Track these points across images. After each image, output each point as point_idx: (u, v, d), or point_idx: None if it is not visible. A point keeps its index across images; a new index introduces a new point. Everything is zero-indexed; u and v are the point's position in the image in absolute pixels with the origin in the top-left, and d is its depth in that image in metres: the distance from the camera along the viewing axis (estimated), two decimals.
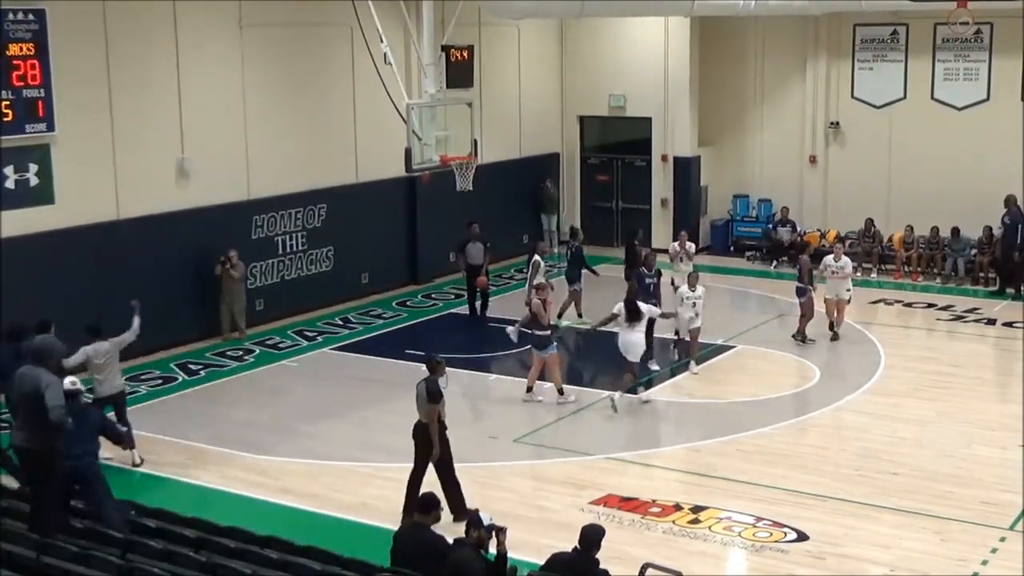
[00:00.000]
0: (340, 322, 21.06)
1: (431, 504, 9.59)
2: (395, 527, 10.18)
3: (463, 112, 17.90)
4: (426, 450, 12.49)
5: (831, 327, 19.65)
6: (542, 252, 20.22)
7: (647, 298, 17.56)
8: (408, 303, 22.55)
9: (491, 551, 9.07)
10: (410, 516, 11.05)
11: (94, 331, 14.08)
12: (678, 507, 12.94)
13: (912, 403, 16.63)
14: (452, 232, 22.51)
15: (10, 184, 16.72)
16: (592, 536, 9.29)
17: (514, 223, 25.81)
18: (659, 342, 18.76)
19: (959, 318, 21.43)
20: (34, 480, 9.97)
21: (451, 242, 22.74)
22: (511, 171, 25.94)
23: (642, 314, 16.63)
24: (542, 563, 9.54)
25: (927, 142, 25.00)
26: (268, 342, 19.75)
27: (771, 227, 26.10)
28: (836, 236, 25.21)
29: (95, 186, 17.93)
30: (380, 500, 13.14)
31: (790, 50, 26.36)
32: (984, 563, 11.64)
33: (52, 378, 9.73)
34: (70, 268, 17.37)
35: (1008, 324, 20.85)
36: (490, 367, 18.73)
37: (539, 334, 16.67)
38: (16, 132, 16.61)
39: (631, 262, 20.53)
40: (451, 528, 10.58)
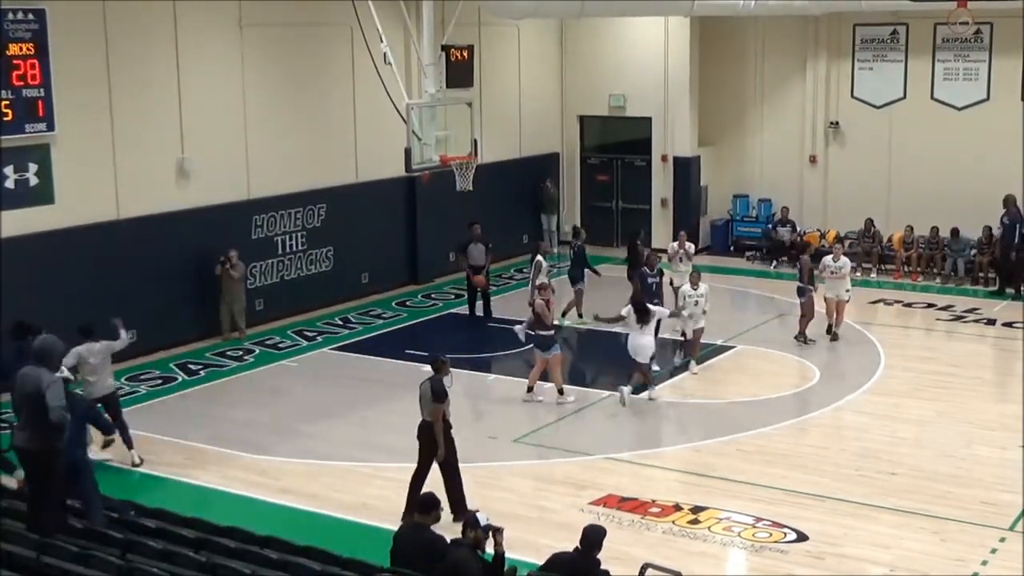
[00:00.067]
0: (340, 322, 21.05)
1: (431, 504, 9.60)
2: (395, 527, 10.18)
3: (463, 112, 17.92)
4: (431, 450, 12.50)
5: (829, 329, 19.64)
6: (544, 252, 20.22)
7: (651, 298, 17.57)
8: (408, 303, 22.54)
9: (488, 551, 9.08)
10: (411, 516, 11.04)
11: (86, 331, 14.08)
12: (678, 507, 12.94)
13: (912, 403, 16.63)
14: (452, 232, 22.51)
15: (10, 184, 16.72)
16: (593, 537, 9.29)
17: (514, 223, 25.81)
18: (660, 342, 18.70)
19: (959, 318, 21.43)
20: (34, 480, 9.96)
21: (451, 242, 22.73)
22: (511, 171, 25.92)
23: (652, 315, 16.63)
24: (542, 563, 9.55)
25: (927, 142, 24.99)
26: (268, 342, 19.75)
27: (771, 227, 26.08)
28: (836, 236, 25.20)
29: (95, 186, 17.92)
30: (380, 500, 13.14)
31: (790, 50, 26.35)
32: (984, 563, 11.65)
33: (53, 378, 9.72)
34: (70, 268, 17.36)
35: (1008, 324, 20.85)
36: (490, 367, 18.73)
37: (542, 334, 16.66)
38: (16, 132, 16.60)
39: (634, 262, 20.52)
40: (451, 528, 10.57)
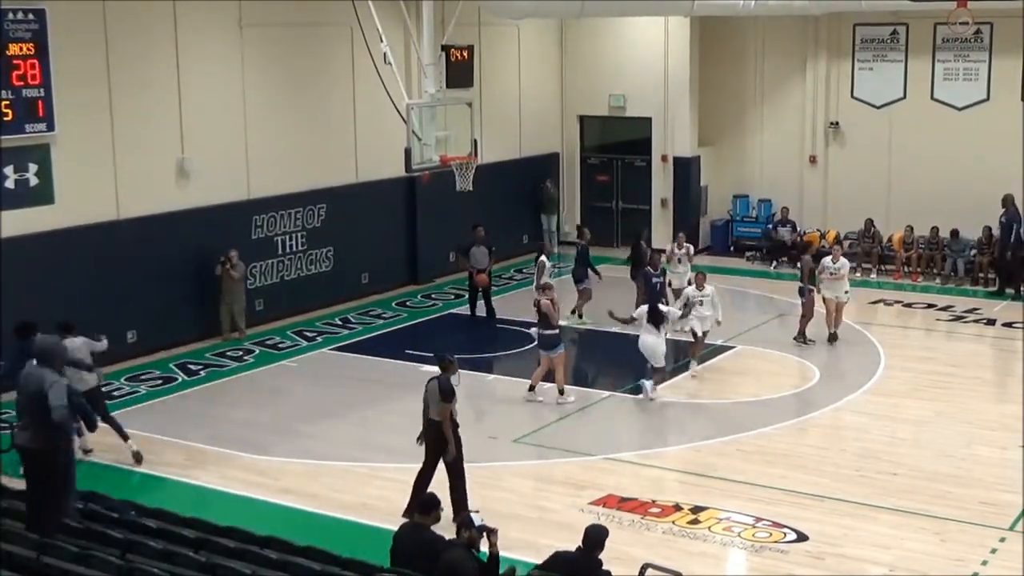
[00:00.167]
0: (340, 322, 21.04)
1: (431, 504, 9.61)
2: (395, 527, 10.16)
3: (463, 112, 17.92)
4: (437, 449, 12.47)
5: (830, 339, 19.55)
6: (547, 252, 20.19)
7: (656, 298, 17.57)
8: (408, 303, 22.54)
9: (483, 551, 9.08)
10: (412, 515, 11.04)
11: (66, 328, 14.01)
12: (678, 507, 12.94)
13: (912, 403, 16.64)
14: (452, 232, 22.51)
15: (10, 184, 16.71)
16: (596, 537, 9.28)
17: (514, 223, 25.80)
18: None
19: (959, 318, 21.43)
20: (35, 480, 9.96)
21: (451, 242, 22.73)
22: (511, 171, 25.91)
23: (665, 317, 16.62)
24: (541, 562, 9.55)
25: (927, 142, 24.99)
26: (268, 342, 19.74)
27: (771, 227, 26.08)
28: (836, 236, 25.20)
29: (95, 186, 17.91)
30: (379, 500, 13.14)
31: (790, 50, 26.34)
32: (984, 563, 11.64)
33: (56, 378, 9.73)
34: (70, 268, 17.36)
35: (1007, 324, 20.85)
36: (490, 367, 18.74)
37: (547, 334, 16.66)
38: (16, 132, 16.59)
39: (637, 262, 20.49)
40: (452, 528, 10.56)
